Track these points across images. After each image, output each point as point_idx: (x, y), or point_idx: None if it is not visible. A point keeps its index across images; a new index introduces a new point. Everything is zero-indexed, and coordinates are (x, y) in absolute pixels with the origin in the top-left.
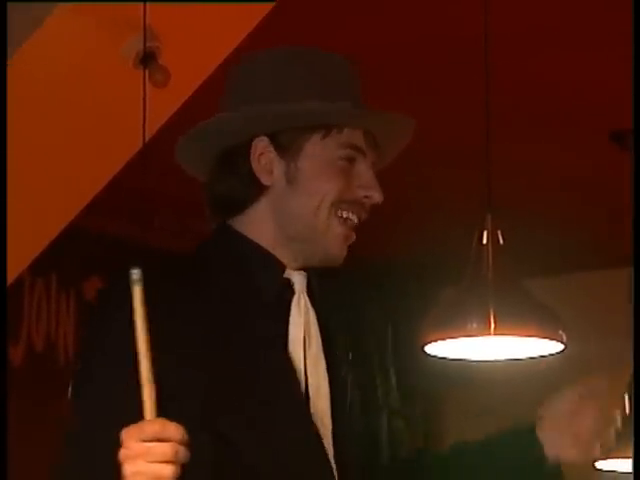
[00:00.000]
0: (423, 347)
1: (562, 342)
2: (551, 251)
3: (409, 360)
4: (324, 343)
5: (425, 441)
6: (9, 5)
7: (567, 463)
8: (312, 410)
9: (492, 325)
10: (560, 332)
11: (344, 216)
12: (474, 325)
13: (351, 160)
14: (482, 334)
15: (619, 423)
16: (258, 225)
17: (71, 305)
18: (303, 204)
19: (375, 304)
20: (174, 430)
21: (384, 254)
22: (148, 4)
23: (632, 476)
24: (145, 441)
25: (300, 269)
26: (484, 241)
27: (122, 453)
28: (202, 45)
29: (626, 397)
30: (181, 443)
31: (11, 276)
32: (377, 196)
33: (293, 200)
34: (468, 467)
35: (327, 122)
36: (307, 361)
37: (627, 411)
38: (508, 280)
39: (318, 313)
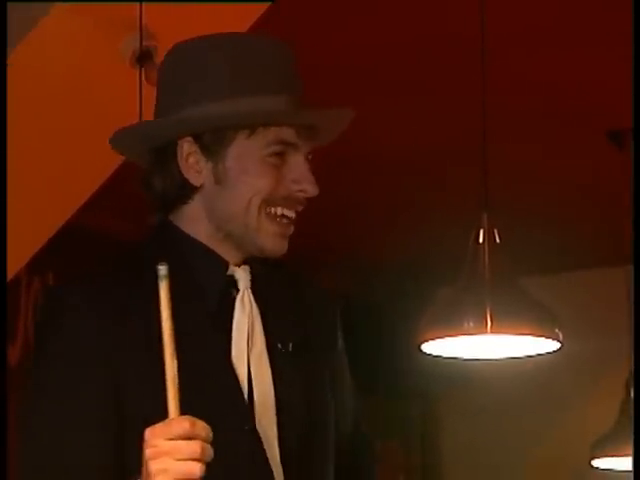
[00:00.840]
0: (420, 346)
1: (559, 340)
2: (549, 249)
3: (405, 359)
4: (268, 339)
5: (422, 440)
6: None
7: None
8: (256, 409)
9: (489, 324)
10: (557, 330)
11: (278, 213)
12: (471, 324)
13: (281, 154)
14: (479, 333)
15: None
16: (194, 222)
17: None
18: (233, 204)
19: (322, 294)
20: (202, 428)
21: (381, 253)
22: (144, 4)
23: (628, 475)
24: (172, 439)
25: (243, 263)
26: (480, 240)
27: (148, 451)
28: None
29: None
30: (207, 442)
31: (8, 275)
32: (311, 189)
33: (223, 200)
34: None
35: (250, 123)
36: (250, 359)
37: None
38: (505, 279)
39: (262, 308)
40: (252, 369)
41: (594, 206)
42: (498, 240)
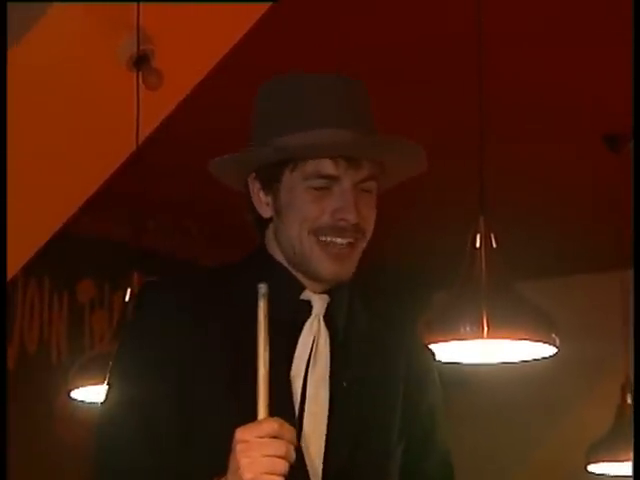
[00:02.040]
0: None
1: (555, 345)
2: (545, 254)
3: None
4: (334, 366)
5: None
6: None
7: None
8: (304, 430)
9: (485, 329)
10: (553, 335)
11: (328, 240)
12: (467, 329)
13: (324, 187)
14: (475, 337)
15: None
16: (273, 248)
17: (64, 307)
18: (288, 233)
19: (402, 335)
20: (288, 430)
21: (378, 258)
22: (142, 7)
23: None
24: (261, 437)
25: (323, 292)
26: (477, 245)
27: (239, 446)
28: (195, 48)
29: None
30: (293, 443)
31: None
32: (351, 217)
33: (282, 231)
34: None
35: (285, 157)
36: (308, 382)
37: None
38: (501, 284)
39: (332, 337)
40: (308, 390)
41: (591, 211)
42: (495, 245)
